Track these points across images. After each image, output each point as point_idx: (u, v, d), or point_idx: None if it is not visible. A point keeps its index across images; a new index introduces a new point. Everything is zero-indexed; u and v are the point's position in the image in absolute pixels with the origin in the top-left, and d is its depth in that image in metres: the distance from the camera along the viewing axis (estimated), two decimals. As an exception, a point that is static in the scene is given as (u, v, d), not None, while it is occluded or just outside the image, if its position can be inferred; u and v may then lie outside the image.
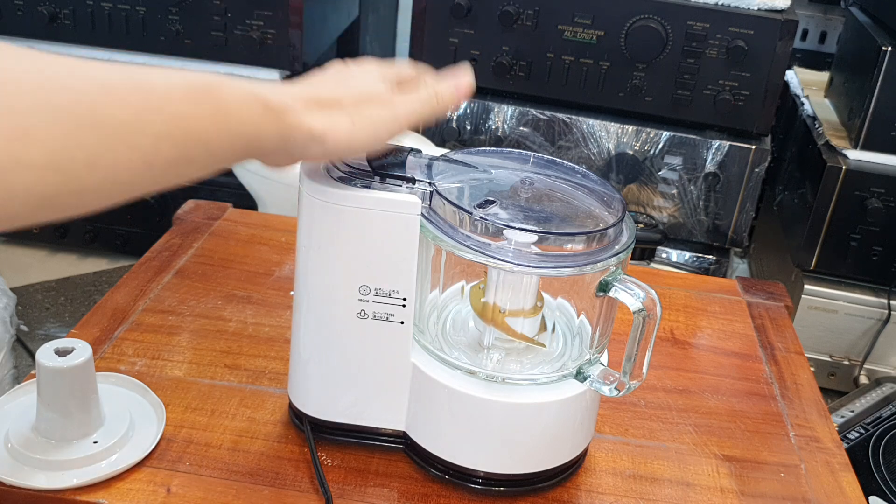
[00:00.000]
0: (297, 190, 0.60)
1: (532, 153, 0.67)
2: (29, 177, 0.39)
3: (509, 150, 0.70)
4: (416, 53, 1.34)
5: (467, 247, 0.58)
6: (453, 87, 0.60)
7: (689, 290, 0.94)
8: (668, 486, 0.67)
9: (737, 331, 0.88)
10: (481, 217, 0.58)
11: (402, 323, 0.61)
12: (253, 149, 0.50)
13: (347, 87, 0.56)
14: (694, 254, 1.38)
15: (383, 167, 0.59)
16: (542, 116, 1.33)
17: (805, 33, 1.73)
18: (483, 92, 1.36)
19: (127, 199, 0.45)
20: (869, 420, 1.17)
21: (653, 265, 1.35)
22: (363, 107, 0.55)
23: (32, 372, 0.66)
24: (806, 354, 0.86)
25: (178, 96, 0.45)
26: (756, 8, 1.24)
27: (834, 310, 1.34)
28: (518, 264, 0.57)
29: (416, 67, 0.62)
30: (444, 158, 0.64)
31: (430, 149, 1.24)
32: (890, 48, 1.24)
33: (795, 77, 1.62)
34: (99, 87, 0.42)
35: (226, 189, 1.40)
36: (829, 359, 1.38)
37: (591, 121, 1.32)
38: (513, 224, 0.58)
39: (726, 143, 1.30)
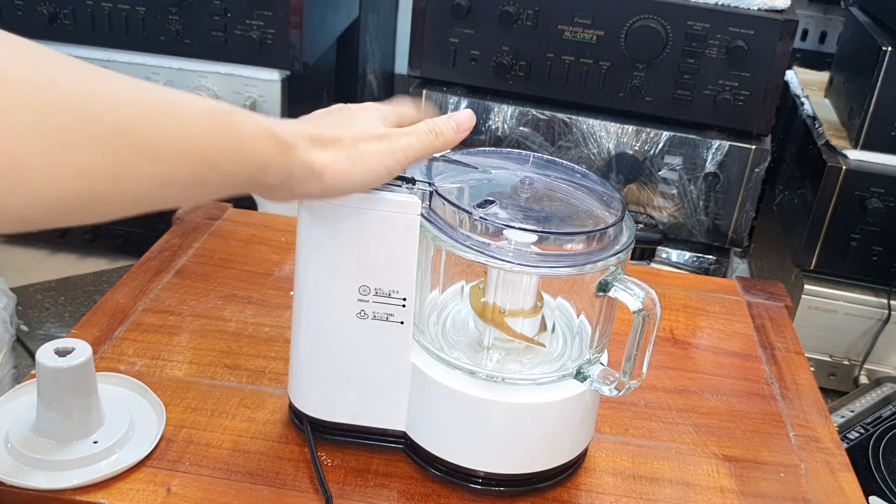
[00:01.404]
0: (297, 190, 0.60)
1: (532, 153, 0.67)
2: (60, 183, 0.41)
3: (509, 150, 0.70)
4: (415, 53, 1.34)
5: (467, 247, 0.57)
6: (453, 123, 0.61)
7: (689, 290, 0.94)
8: (668, 486, 0.67)
9: (737, 331, 0.88)
10: (481, 217, 0.58)
11: (401, 323, 0.61)
12: (258, 179, 0.52)
13: (349, 127, 0.57)
14: (694, 254, 1.38)
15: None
16: (542, 116, 1.33)
17: (805, 33, 1.73)
18: (483, 92, 1.36)
19: (140, 213, 0.47)
20: (869, 420, 1.16)
21: (653, 265, 1.34)
22: (361, 144, 0.56)
23: (32, 372, 0.66)
24: (806, 354, 0.86)
25: (201, 120, 0.48)
26: (756, 8, 1.24)
27: (834, 310, 1.34)
28: (518, 264, 0.57)
29: (418, 107, 0.63)
30: (444, 158, 0.64)
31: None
32: (890, 48, 1.24)
33: (795, 77, 1.62)
34: (134, 105, 0.44)
35: (226, 189, 1.39)
36: (829, 359, 1.38)
37: (591, 121, 1.32)
38: (512, 224, 0.58)
39: (726, 143, 1.30)
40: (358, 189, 0.57)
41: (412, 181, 0.59)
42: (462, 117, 0.62)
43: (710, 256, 1.38)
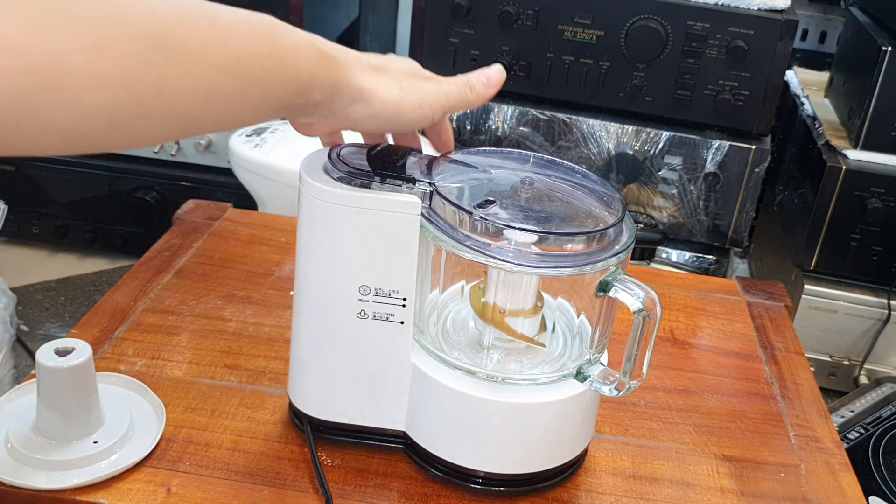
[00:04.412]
0: (297, 190, 0.60)
1: (532, 153, 0.67)
2: (101, 94, 0.40)
3: (509, 150, 0.69)
4: (416, 53, 1.34)
5: (467, 247, 0.57)
6: (484, 78, 0.62)
7: (689, 290, 0.94)
8: (668, 486, 0.67)
9: (737, 331, 0.88)
10: (481, 217, 0.58)
11: (402, 323, 0.61)
12: (302, 97, 0.51)
13: (394, 62, 0.57)
14: (694, 254, 1.38)
15: (383, 167, 0.59)
16: (542, 116, 1.33)
17: (805, 33, 1.73)
18: (483, 92, 1.36)
19: (185, 136, 0.47)
20: (869, 420, 1.17)
21: (653, 265, 1.35)
22: (410, 79, 0.56)
23: (32, 372, 0.66)
24: (806, 354, 0.86)
25: (241, 31, 0.47)
26: (756, 8, 1.24)
27: (834, 310, 1.34)
28: (518, 264, 0.57)
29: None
30: (444, 158, 0.64)
31: (430, 149, 1.24)
32: (890, 48, 1.24)
33: (795, 77, 1.62)
34: (172, 11, 0.43)
35: (226, 189, 1.40)
36: (829, 359, 1.38)
37: (591, 121, 1.32)
38: (513, 224, 0.58)
39: (726, 143, 1.30)
40: (405, 121, 0.56)
41: (412, 181, 0.59)
42: (492, 72, 0.62)
43: (710, 256, 1.38)
